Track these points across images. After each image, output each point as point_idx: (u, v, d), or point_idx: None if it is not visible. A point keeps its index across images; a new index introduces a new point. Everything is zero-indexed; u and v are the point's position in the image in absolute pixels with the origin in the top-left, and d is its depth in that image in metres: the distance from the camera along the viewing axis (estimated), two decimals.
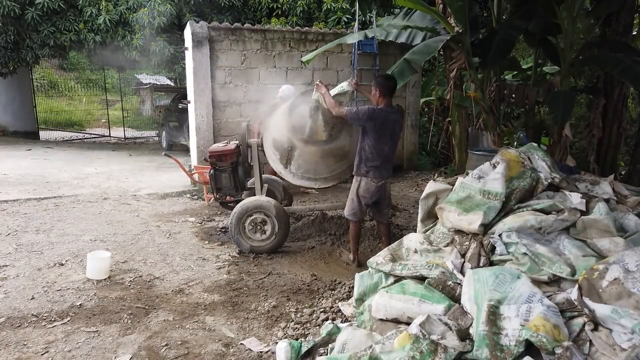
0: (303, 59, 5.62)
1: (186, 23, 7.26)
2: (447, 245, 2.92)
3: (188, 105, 7.81)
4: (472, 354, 2.07)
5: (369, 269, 3.05)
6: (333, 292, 3.74)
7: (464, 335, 2.19)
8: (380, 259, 2.99)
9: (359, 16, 7.78)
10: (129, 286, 3.84)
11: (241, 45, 7.27)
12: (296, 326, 3.18)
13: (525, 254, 2.52)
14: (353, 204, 4.22)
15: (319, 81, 4.30)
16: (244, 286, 3.89)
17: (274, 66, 7.51)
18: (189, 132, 8.45)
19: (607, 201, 2.91)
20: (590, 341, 2.00)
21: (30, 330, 3.12)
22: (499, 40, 5.64)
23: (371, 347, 2.28)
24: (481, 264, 2.63)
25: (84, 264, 4.08)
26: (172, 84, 20.09)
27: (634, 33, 6.28)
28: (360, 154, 4.09)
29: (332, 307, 3.41)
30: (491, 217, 2.80)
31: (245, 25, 7.43)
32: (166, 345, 2.96)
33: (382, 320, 2.59)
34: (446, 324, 2.25)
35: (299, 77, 7.48)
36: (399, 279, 2.80)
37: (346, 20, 9.67)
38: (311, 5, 10.15)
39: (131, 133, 16.80)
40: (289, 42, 7.55)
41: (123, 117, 17.14)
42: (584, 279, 2.19)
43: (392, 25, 6.56)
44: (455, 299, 2.48)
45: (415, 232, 3.39)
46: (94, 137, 16.32)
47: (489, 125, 6.32)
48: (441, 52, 7.36)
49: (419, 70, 7.81)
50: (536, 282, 2.36)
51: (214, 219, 5.86)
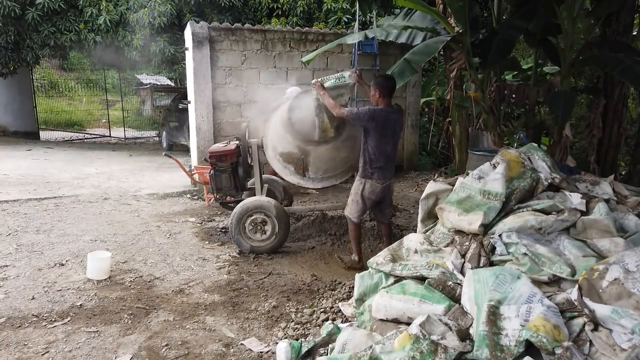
0: (303, 59, 5.62)
1: (186, 23, 7.27)
2: (447, 245, 2.92)
3: (188, 105, 7.82)
4: (472, 354, 2.07)
5: (369, 269, 3.05)
6: (333, 292, 3.74)
7: (464, 335, 2.19)
8: (380, 259, 2.99)
9: (359, 16, 7.78)
10: (130, 286, 3.85)
11: (241, 46, 7.27)
12: (296, 326, 3.18)
13: (525, 254, 2.51)
14: (357, 205, 4.16)
15: (313, 81, 4.25)
16: (244, 286, 3.89)
17: (274, 66, 7.51)
18: (189, 132, 8.46)
19: (607, 201, 2.91)
20: (590, 341, 2.01)
21: (30, 330, 3.12)
22: (499, 40, 5.64)
23: (371, 347, 2.28)
24: (481, 264, 2.63)
25: (85, 264, 4.08)
26: (173, 84, 20.07)
27: (634, 33, 6.28)
28: (364, 155, 4.07)
29: (332, 308, 3.41)
30: (491, 218, 2.80)
31: (245, 26, 7.43)
32: (166, 345, 2.97)
33: (382, 320, 2.59)
34: (446, 324, 2.25)
35: (299, 77, 7.48)
36: (399, 279, 2.80)
37: (346, 21, 9.67)
38: (311, 5, 10.16)
39: (131, 133, 16.80)
40: (289, 42, 7.55)
41: (123, 117, 17.16)
42: (584, 279, 2.19)
43: (392, 26, 6.56)
44: (456, 299, 2.48)
45: (416, 232, 3.39)
46: (94, 137, 16.32)
47: (489, 125, 6.32)
48: (441, 52, 7.37)
49: (419, 71, 7.82)
50: (536, 283, 2.36)
51: (214, 219, 5.86)
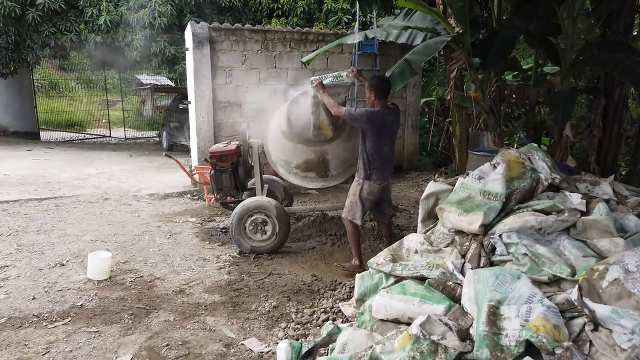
0: (303, 59, 5.61)
1: (187, 23, 7.28)
2: (448, 245, 2.92)
3: (188, 105, 7.82)
4: (473, 354, 2.07)
5: (370, 269, 3.05)
6: (333, 292, 3.75)
7: (464, 335, 2.19)
8: (380, 260, 2.99)
9: (359, 17, 7.77)
10: (130, 286, 3.85)
11: (242, 46, 7.27)
12: (297, 326, 3.19)
13: (525, 254, 2.52)
14: (356, 207, 4.12)
15: (312, 79, 4.20)
16: (244, 286, 3.89)
17: (275, 67, 7.51)
18: (189, 133, 8.46)
19: (607, 202, 2.91)
20: (591, 341, 2.01)
21: (31, 330, 3.12)
22: (500, 40, 5.64)
23: (372, 347, 2.28)
24: (481, 265, 2.63)
25: (85, 264, 4.08)
26: (173, 84, 20.05)
27: (635, 33, 6.28)
28: (362, 156, 4.06)
29: (332, 308, 3.41)
30: (491, 218, 2.80)
31: (245, 26, 7.44)
32: (167, 345, 2.97)
33: (382, 320, 2.60)
34: (446, 324, 2.25)
35: (299, 77, 7.48)
36: (399, 279, 2.80)
37: (347, 21, 9.68)
38: (311, 5, 10.17)
39: (132, 133, 16.81)
40: (289, 42, 7.55)
41: (124, 117, 17.17)
42: (584, 279, 2.19)
43: (392, 26, 6.55)
44: (456, 299, 2.48)
45: (416, 232, 3.39)
46: (94, 138, 16.33)
47: (490, 125, 6.32)
48: (441, 53, 7.36)
49: (419, 71, 7.81)
50: (536, 283, 2.36)
51: (214, 220, 5.87)
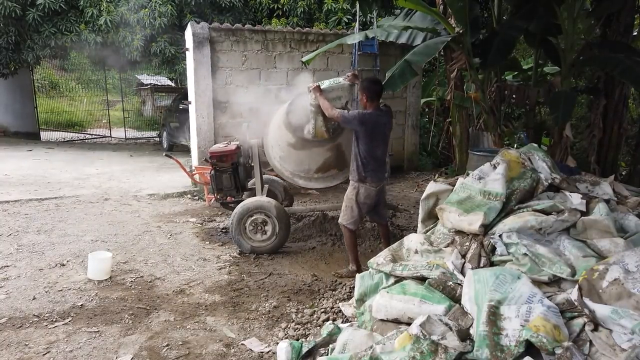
0: (303, 59, 5.61)
1: (187, 24, 7.28)
2: (448, 245, 2.92)
3: (189, 105, 7.82)
4: (473, 354, 2.07)
5: (370, 269, 3.05)
6: (334, 292, 3.75)
7: (464, 335, 2.19)
8: (380, 260, 2.99)
9: (359, 17, 7.78)
10: (130, 286, 3.86)
11: (242, 46, 7.27)
12: (297, 326, 3.19)
13: (525, 254, 2.52)
14: (352, 212, 4.05)
15: (309, 85, 4.21)
16: (244, 286, 3.90)
17: (275, 67, 7.51)
18: (189, 133, 8.46)
19: (607, 202, 2.91)
20: (591, 341, 2.01)
21: (31, 330, 3.13)
22: (500, 40, 5.64)
23: (372, 347, 2.28)
24: (481, 265, 2.64)
25: (85, 264, 4.09)
26: (173, 84, 20.06)
27: (635, 33, 6.28)
28: (356, 159, 4.00)
29: (332, 308, 3.42)
30: (492, 218, 2.81)
31: (246, 26, 7.44)
32: (167, 345, 2.97)
33: (382, 320, 2.60)
34: (447, 324, 2.25)
35: (299, 77, 7.48)
36: (399, 279, 2.80)
37: (347, 21, 9.68)
38: (312, 6, 10.17)
39: (132, 133, 16.78)
40: (289, 42, 7.55)
41: (124, 117, 17.16)
42: (584, 279, 2.19)
43: (392, 26, 6.55)
44: (456, 299, 2.48)
45: (416, 232, 3.39)
46: (94, 138, 16.32)
47: (490, 125, 6.32)
48: (442, 53, 7.36)
49: (419, 72, 7.81)
50: (536, 283, 2.36)
51: (214, 220, 5.87)
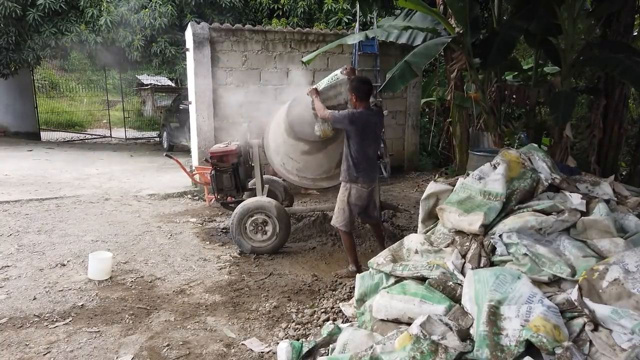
0: (304, 59, 5.62)
1: (187, 24, 7.28)
2: (448, 245, 2.92)
3: (189, 105, 7.82)
4: (473, 354, 2.08)
5: (370, 269, 3.05)
6: (334, 292, 3.75)
7: (464, 335, 2.20)
8: (381, 260, 2.99)
9: (359, 17, 7.77)
10: (131, 287, 3.86)
11: (242, 46, 7.28)
12: (297, 326, 3.19)
13: (525, 254, 2.52)
14: (344, 213, 4.02)
15: (308, 89, 4.22)
16: (245, 287, 3.90)
17: (275, 67, 7.51)
18: (190, 133, 8.46)
19: (607, 202, 2.91)
20: (591, 341, 2.01)
21: (32, 330, 3.13)
22: (500, 40, 5.64)
23: (372, 347, 2.28)
24: (482, 265, 2.64)
25: (86, 264, 4.09)
26: (173, 84, 20.08)
27: (635, 34, 6.29)
28: (347, 159, 3.96)
29: (333, 308, 3.42)
30: (492, 218, 2.81)
31: (246, 26, 7.44)
32: (167, 345, 2.97)
33: (383, 320, 2.60)
34: (447, 324, 2.25)
35: (299, 78, 7.49)
36: (399, 279, 2.81)
37: (347, 21, 9.68)
38: (312, 6, 10.17)
39: (132, 134, 16.79)
40: (289, 43, 7.56)
41: (124, 117, 17.17)
42: (584, 279, 2.20)
43: (392, 26, 6.55)
44: (456, 299, 2.49)
45: (416, 232, 3.39)
46: (95, 138, 16.32)
47: (490, 125, 6.32)
48: (442, 53, 7.35)
49: (419, 74, 7.81)
50: (536, 283, 2.37)
51: (215, 220, 5.87)
